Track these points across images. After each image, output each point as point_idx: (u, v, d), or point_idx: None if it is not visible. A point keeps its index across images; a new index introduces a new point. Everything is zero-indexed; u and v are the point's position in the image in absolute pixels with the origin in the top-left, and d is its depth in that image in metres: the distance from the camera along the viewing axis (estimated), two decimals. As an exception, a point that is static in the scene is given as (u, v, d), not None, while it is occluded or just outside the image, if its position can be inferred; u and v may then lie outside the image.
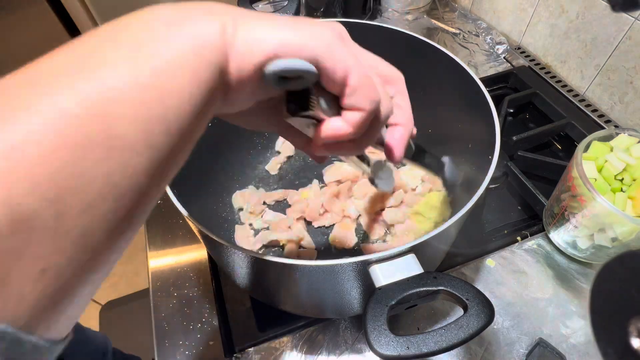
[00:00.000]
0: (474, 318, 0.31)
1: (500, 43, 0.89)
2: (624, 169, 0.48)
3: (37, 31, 1.97)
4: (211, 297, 0.54)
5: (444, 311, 0.51)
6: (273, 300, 0.46)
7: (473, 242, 0.57)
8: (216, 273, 0.56)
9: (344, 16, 0.94)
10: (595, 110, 0.74)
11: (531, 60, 0.86)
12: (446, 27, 0.96)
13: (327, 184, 0.62)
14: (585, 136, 0.50)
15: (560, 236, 0.55)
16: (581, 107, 0.75)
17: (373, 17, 1.00)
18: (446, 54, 0.51)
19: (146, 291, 0.55)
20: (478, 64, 0.86)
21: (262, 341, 0.50)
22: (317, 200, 0.59)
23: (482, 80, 0.57)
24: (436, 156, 0.41)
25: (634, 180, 0.48)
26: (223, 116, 0.26)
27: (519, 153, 0.64)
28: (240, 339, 0.50)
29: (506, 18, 0.91)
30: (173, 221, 0.62)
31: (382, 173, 0.38)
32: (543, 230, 0.58)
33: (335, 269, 0.34)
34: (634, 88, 0.67)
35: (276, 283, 0.40)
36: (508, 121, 0.75)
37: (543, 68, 0.84)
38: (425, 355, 0.29)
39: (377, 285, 0.33)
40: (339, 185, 0.62)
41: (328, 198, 0.59)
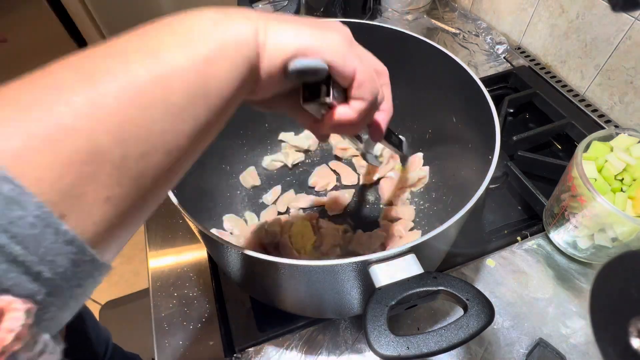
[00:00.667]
0: (474, 318, 0.31)
1: (500, 43, 0.89)
2: (624, 169, 0.48)
3: (37, 31, 1.97)
4: (211, 297, 0.54)
5: (444, 311, 0.51)
6: (273, 300, 0.46)
7: (473, 242, 0.57)
8: (216, 273, 0.56)
9: (344, 16, 0.94)
10: (595, 110, 0.74)
11: (531, 60, 0.85)
12: (446, 27, 0.96)
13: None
14: (585, 136, 0.50)
15: (560, 236, 0.55)
16: (581, 107, 0.75)
17: (373, 17, 1.00)
18: (446, 54, 0.51)
19: (146, 291, 0.55)
20: (478, 64, 0.86)
21: (262, 341, 0.50)
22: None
23: (482, 80, 0.57)
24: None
25: (634, 180, 0.48)
26: (248, 102, 0.31)
27: (519, 153, 0.64)
28: (240, 339, 0.50)
29: (506, 18, 0.91)
30: (173, 221, 0.62)
31: (372, 150, 0.44)
32: (543, 230, 0.58)
33: (335, 269, 0.34)
34: (634, 88, 0.67)
35: (276, 283, 0.40)
36: (508, 121, 0.75)
37: (543, 68, 0.84)
38: (425, 355, 0.29)
39: (377, 285, 0.33)
40: None
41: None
